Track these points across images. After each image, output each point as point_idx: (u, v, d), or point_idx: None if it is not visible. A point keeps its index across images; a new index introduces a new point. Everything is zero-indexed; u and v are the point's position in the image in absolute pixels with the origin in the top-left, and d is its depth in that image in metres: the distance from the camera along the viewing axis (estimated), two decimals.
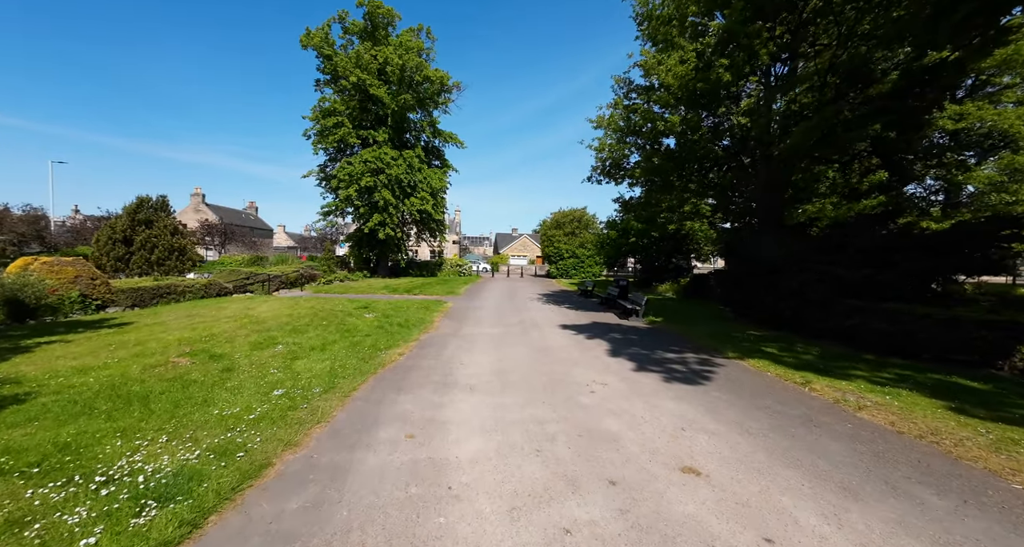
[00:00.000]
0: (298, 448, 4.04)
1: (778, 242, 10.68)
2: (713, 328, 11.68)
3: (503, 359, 7.92)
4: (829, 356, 8.19)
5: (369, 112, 30.77)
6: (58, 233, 36.67)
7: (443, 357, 7.99)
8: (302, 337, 9.14)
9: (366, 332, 10.10)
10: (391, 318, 12.23)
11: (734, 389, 6.22)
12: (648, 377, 6.84)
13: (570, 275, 39.89)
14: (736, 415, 5.12)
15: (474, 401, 5.56)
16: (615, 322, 13.09)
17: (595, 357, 8.24)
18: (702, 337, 10.35)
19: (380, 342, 9.02)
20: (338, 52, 29.99)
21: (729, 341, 9.78)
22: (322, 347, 8.35)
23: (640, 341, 9.99)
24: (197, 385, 5.66)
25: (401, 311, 13.71)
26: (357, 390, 5.91)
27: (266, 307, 13.07)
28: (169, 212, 22.99)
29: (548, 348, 9.00)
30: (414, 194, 31.24)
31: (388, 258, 34.18)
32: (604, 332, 11.12)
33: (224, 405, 4.95)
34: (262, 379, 6.06)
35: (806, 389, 6.19)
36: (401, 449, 4.11)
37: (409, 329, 10.84)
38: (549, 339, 10.04)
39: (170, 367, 6.44)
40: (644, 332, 11.33)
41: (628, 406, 5.42)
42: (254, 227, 56.93)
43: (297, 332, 9.63)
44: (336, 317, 11.95)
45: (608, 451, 4.11)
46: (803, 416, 5.08)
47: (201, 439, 4.03)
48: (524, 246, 66.84)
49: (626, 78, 13.97)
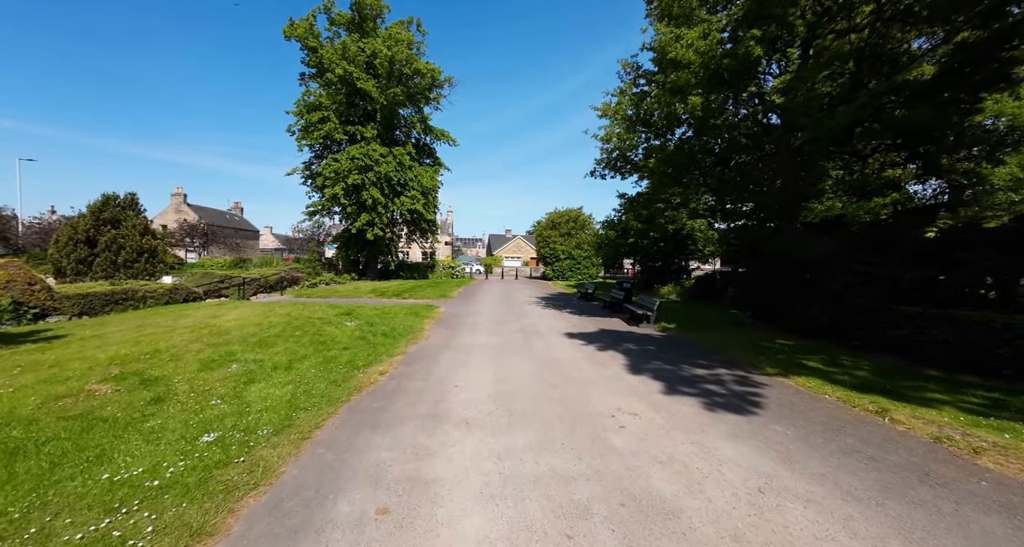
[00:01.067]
0: (210, 542, 2.70)
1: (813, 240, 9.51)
2: (734, 336, 10.48)
3: (506, 378, 6.61)
4: (885, 372, 7.00)
5: (357, 107, 29.31)
6: (26, 234, 34.64)
7: (433, 376, 6.66)
8: (267, 352, 7.75)
9: (344, 344, 8.73)
10: (375, 326, 10.87)
11: (797, 421, 4.98)
12: (685, 403, 5.58)
13: (566, 277, 38.70)
14: (821, 465, 3.86)
15: (473, 444, 4.25)
16: (625, 329, 11.85)
17: (614, 375, 6.96)
18: (728, 347, 9.14)
19: (359, 357, 7.68)
20: (324, 44, 28.53)
21: (760, 352, 8.57)
22: (288, 365, 6.97)
23: (660, 353, 8.74)
24: (103, 426, 4.27)
25: (387, 318, 12.34)
26: (320, 428, 4.57)
27: (234, 315, 11.62)
28: (139, 211, 21.34)
29: (556, 362, 7.72)
30: (404, 193, 29.83)
31: (377, 260, 32.69)
32: (616, 342, 9.86)
33: (125, 462, 3.57)
34: (196, 415, 4.68)
35: (886, 420, 4.97)
36: (368, 537, 2.80)
37: (395, 340, 9.49)
38: (556, 350, 8.75)
39: (82, 398, 5.03)
40: (660, 341, 10.09)
41: (674, 449, 4.15)
42: (239, 228, 54.97)
43: (263, 346, 8.23)
44: (312, 326, 10.56)
45: (669, 537, 2.83)
46: (910, 466, 3.84)
47: (56, 532, 2.66)
48: (518, 247, 65.60)
49: (634, 62, 12.77)
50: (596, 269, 39.70)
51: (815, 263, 9.27)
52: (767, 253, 11.04)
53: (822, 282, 9.09)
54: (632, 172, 13.27)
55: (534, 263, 60.38)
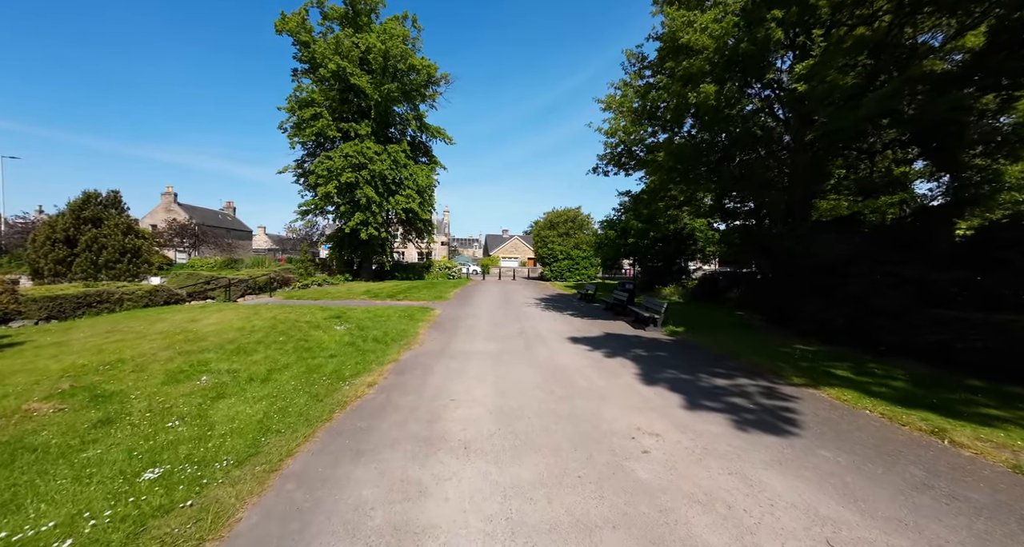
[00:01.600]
0: None
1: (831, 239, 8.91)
2: (747, 340, 9.87)
3: (506, 391, 5.95)
4: (924, 382, 6.39)
5: (350, 103, 28.55)
6: (9, 234, 33.63)
7: (427, 389, 5.98)
8: (244, 361, 7.05)
9: (332, 351, 8.04)
10: (367, 331, 10.18)
11: (843, 443, 4.34)
12: (711, 421, 4.93)
13: (564, 277, 38.07)
14: (892, 505, 3.22)
15: (473, 476, 3.58)
16: (631, 333, 11.21)
17: (626, 386, 6.31)
18: (743, 353, 8.52)
19: (346, 366, 6.99)
20: (316, 39, 27.73)
21: (780, 359, 7.96)
22: (266, 376, 6.28)
23: (672, 360, 8.11)
24: (29, 458, 3.57)
25: (380, 321, 11.65)
26: (293, 456, 3.89)
27: (215, 319, 10.89)
28: (122, 209, 20.48)
29: (561, 371, 7.06)
30: (399, 191, 29.10)
31: (372, 260, 31.93)
32: (624, 347, 9.22)
33: (37, 511, 2.87)
34: (147, 441, 3.99)
35: (945, 442, 4.34)
36: None
37: (387, 345, 8.81)
38: (559, 357, 8.10)
39: (15, 421, 4.32)
40: (671, 346, 9.46)
41: (711, 483, 3.50)
42: (231, 228, 53.98)
43: (240, 353, 7.53)
44: (299, 331, 9.86)
45: None
46: (1002, 508, 3.20)
47: None
48: (515, 248, 64.95)
49: (639, 53, 12.15)
50: (595, 269, 39.10)
51: (834, 263, 8.67)
52: (778, 253, 10.44)
53: (842, 283, 8.49)
54: (637, 168, 12.63)
55: (531, 263, 59.74)
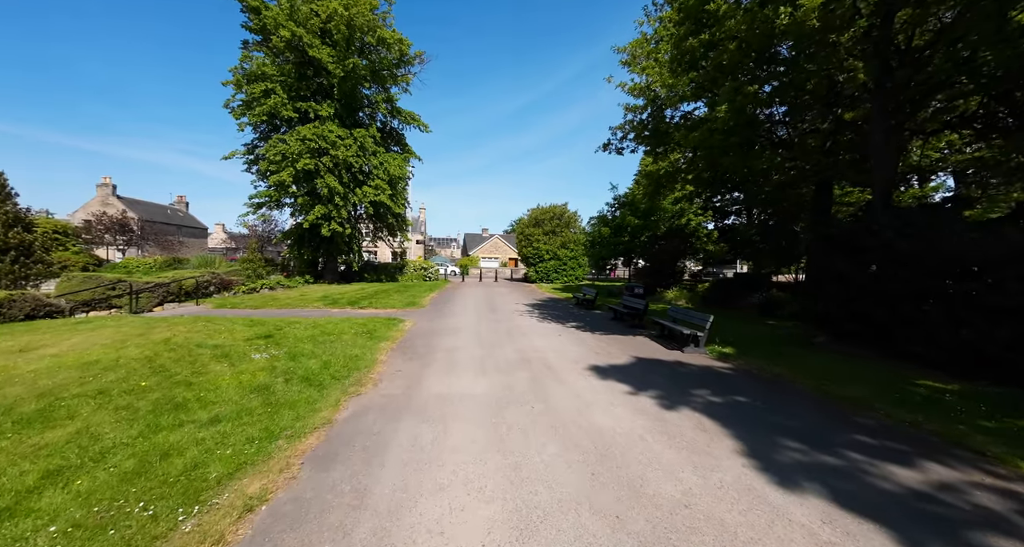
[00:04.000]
0: None
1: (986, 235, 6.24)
2: (841, 370, 7.14)
3: (524, 507, 2.88)
4: None
5: (309, 80, 24.82)
6: None
7: (365, 509, 2.86)
8: (42, 436, 3.76)
9: (220, 407, 4.82)
10: (298, 362, 6.94)
11: None
12: None
13: (551, 279, 35.24)
14: None
15: None
16: (667, 356, 8.33)
17: (741, 487, 3.36)
18: (867, 397, 5.76)
19: (231, 441, 3.81)
20: (269, 4, 23.98)
21: (934, 409, 5.23)
22: (29, 491, 3.03)
23: (769, 414, 5.22)
24: None
25: (326, 342, 8.41)
26: None
27: (71, 344, 7.41)
28: (9, 195, 16.38)
29: (610, 449, 4.06)
30: (367, 182, 25.59)
31: (337, 260, 28.24)
32: (676, 384, 6.30)
33: None
34: None
35: None
36: None
37: (321, 389, 5.65)
38: (595, 411, 5.10)
39: None
40: (742, 384, 6.59)
41: None
42: (182, 225, 48.88)
43: (30, 427, 4.21)
44: (190, 364, 6.54)
45: None
46: None
47: None
48: (496, 247, 61.90)
49: None
50: (583, 270, 36.44)
51: (983, 266, 5.99)
52: (872, 249, 7.74)
53: (989, 294, 5.82)
54: (665, 141, 9.74)
55: (513, 264, 56.70)
